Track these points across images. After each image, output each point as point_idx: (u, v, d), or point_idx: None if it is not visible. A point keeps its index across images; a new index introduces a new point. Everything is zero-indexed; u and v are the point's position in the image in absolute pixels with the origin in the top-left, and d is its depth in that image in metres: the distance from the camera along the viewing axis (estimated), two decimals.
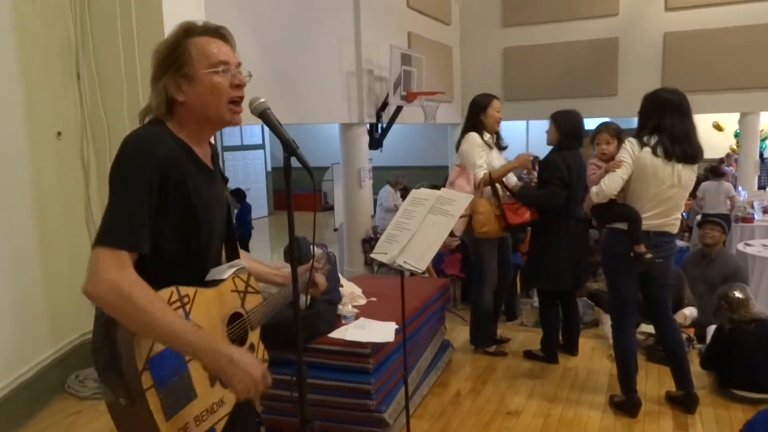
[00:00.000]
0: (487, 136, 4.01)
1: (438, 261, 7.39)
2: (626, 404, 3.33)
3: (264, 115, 1.58)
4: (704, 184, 8.39)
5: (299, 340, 1.68)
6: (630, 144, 3.12)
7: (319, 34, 6.49)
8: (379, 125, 8.06)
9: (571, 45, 9.70)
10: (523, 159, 4.02)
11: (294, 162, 1.61)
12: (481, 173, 3.90)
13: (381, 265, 7.75)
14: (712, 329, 4.03)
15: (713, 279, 4.59)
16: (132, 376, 1.35)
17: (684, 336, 3.95)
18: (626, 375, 3.33)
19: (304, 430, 1.71)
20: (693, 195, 9.68)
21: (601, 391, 3.62)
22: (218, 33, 1.57)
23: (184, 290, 1.48)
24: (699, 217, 8.22)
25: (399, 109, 7.90)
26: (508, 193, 4.07)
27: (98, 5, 3.59)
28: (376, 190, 9.44)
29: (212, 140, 1.76)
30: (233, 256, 1.78)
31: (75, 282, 3.83)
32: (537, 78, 9.73)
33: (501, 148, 4.18)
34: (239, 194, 9.52)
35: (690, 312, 4.38)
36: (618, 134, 3.44)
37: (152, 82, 1.54)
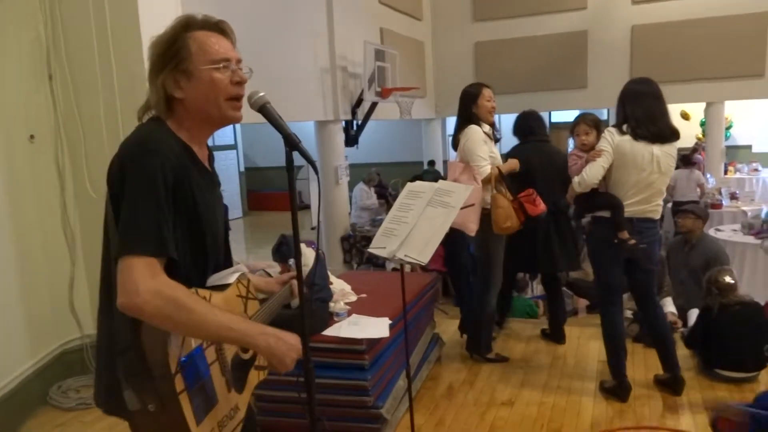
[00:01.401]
0: (486, 128, 3.76)
1: None
2: (617, 389, 3.38)
3: (264, 110, 1.54)
4: (675, 173, 8.58)
5: (306, 340, 1.64)
6: (609, 133, 3.18)
7: (291, 30, 6.42)
8: (355, 122, 8.03)
9: (541, 39, 9.82)
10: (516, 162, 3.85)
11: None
12: (487, 168, 3.64)
13: (361, 262, 7.76)
14: (694, 312, 4.11)
15: (695, 265, 4.69)
16: (165, 380, 1.30)
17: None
18: (616, 360, 3.37)
19: (315, 430, 1.67)
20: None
21: (591, 378, 3.67)
22: (218, 27, 1.52)
23: (201, 293, 1.44)
24: (669, 205, 8.43)
25: (374, 105, 7.88)
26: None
27: (70, 4, 3.48)
28: (352, 187, 9.41)
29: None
30: (227, 259, 1.74)
31: (52, 290, 3.72)
32: (509, 72, 9.81)
33: (496, 140, 3.95)
34: None
35: (671, 308, 4.43)
36: (596, 124, 3.48)
37: (150, 78, 1.47)
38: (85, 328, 3.80)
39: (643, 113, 3.12)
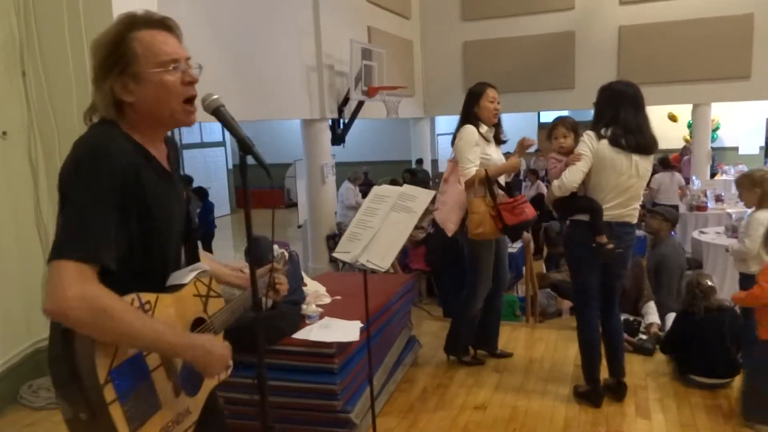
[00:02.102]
0: (484, 128, 3.63)
1: (403, 256, 7.39)
2: (590, 394, 3.38)
3: (217, 113, 1.51)
4: (657, 176, 8.60)
5: (261, 344, 1.62)
6: (588, 137, 3.17)
7: (278, 28, 6.38)
8: (341, 120, 8.00)
9: (529, 39, 9.83)
10: (514, 162, 3.68)
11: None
12: (472, 170, 3.51)
13: (346, 262, 7.74)
14: (671, 317, 4.12)
15: (649, 265, 4.73)
16: (93, 389, 1.27)
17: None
18: (590, 365, 3.37)
19: None
20: (646, 187, 9.91)
21: (566, 382, 3.67)
22: (163, 24, 1.45)
23: (145, 296, 1.42)
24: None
25: (361, 104, 7.85)
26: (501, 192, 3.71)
27: (43, 0, 3.43)
28: (339, 186, 9.38)
29: (173, 136, 1.67)
30: (193, 258, 1.72)
31: (25, 288, 3.68)
32: (496, 72, 9.78)
33: (500, 141, 3.81)
34: (201, 193, 9.32)
35: (654, 319, 4.39)
36: (574, 127, 3.46)
37: (95, 82, 1.42)
38: None
39: (635, 124, 3.10)
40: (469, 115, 3.65)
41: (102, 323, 1.27)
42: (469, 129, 3.60)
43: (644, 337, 4.14)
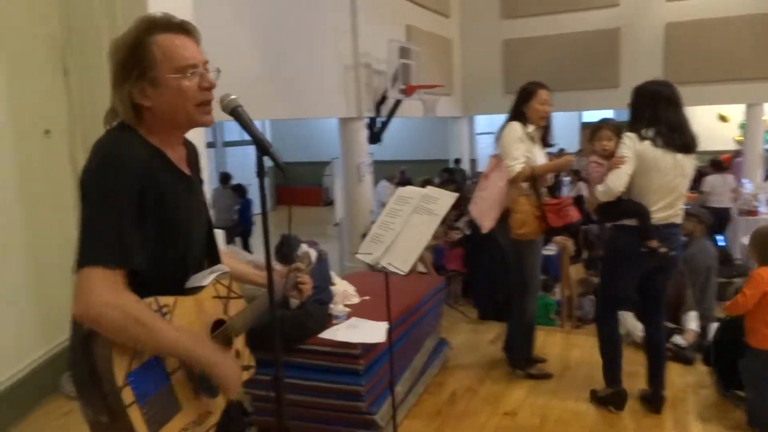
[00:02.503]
0: (531, 128, 3.53)
1: (438, 256, 7.33)
2: (613, 397, 3.31)
3: (235, 113, 1.51)
4: (709, 178, 8.30)
5: (278, 346, 1.61)
6: (629, 139, 3.06)
7: (315, 27, 6.41)
8: (378, 119, 8.00)
9: (571, 36, 9.61)
10: (567, 160, 3.67)
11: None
12: (517, 167, 3.42)
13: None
14: (713, 326, 3.96)
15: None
16: (112, 393, 1.29)
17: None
18: (613, 368, 3.31)
19: None
20: (697, 190, 9.59)
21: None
22: (182, 28, 1.45)
23: (164, 300, 1.43)
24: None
25: (398, 102, 7.83)
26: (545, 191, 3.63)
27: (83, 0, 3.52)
28: (377, 184, 9.39)
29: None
30: (214, 260, 1.72)
31: (65, 282, 3.77)
32: (537, 70, 9.56)
33: (547, 144, 3.70)
34: (240, 190, 9.47)
35: (695, 326, 4.23)
36: (618, 131, 3.36)
37: (114, 85, 1.43)
38: None
39: (677, 123, 3.04)
40: (518, 114, 3.57)
41: (130, 329, 1.30)
42: (515, 125, 3.53)
43: (682, 343, 3.97)
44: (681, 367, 3.84)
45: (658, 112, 3.01)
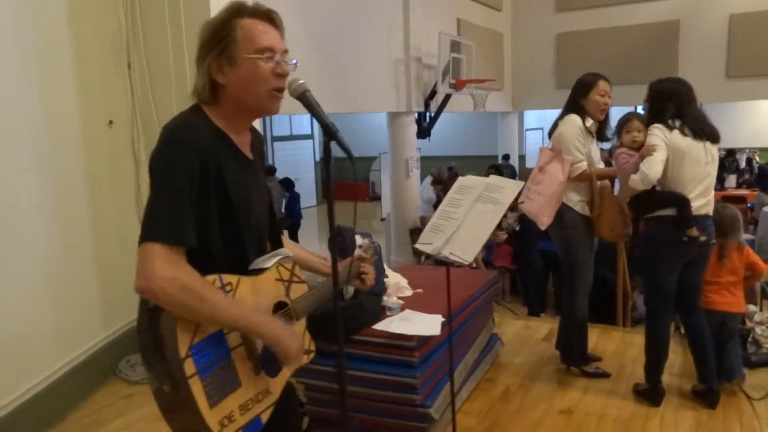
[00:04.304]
0: (590, 121, 3.43)
1: (487, 252, 7.25)
2: (649, 393, 3.28)
3: (303, 98, 1.52)
4: None
5: (340, 333, 1.61)
6: (658, 129, 3.05)
7: (367, 21, 6.42)
8: (428, 114, 7.95)
9: (628, 29, 9.32)
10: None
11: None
12: (584, 164, 3.37)
13: (428, 256, 7.70)
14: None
15: None
16: (175, 363, 1.33)
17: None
18: (657, 366, 3.25)
19: (344, 424, 1.64)
20: (762, 186, 9.16)
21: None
22: (268, 16, 1.51)
23: (227, 278, 1.47)
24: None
25: (447, 97, 7.77)
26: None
27: None
28: (425, 180, 9.34)
29: (259, 128, 1.71)
30: (276, 245, 1.74)
31: (125, 268, 3.90)
32: (592, 64, 9.25)
33: (605, 138, 3.59)
34: (288, 184, 9.59)
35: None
36: (645, 123, 3.28)
37: (197, 62, 1.50)
38: None
39: (700, 114, 3.13)
40: (575, 106, 3.47)
41: (190, 303, 1.34)
42: (573, 117, 3.44)
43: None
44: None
45: (683, 106, 3.06)
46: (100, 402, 3.49)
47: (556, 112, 3.74)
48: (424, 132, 8.04)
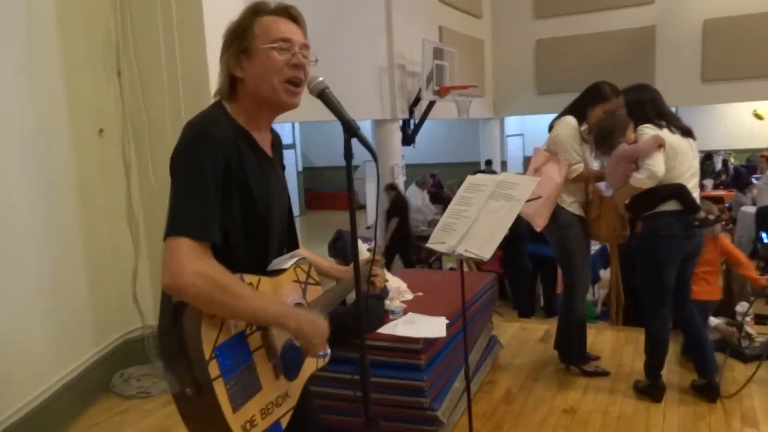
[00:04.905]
0: (585, 126, 3.45)
1: None
2: (650, 389, 3.31)
3: (323, 95, 1.51)
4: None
5: (362, 339, 1.60)
6: (649, 128, 3.12)
7: (350, 29, 6.43)
8: (412, 121, 7.98)
9: (606, 35, 9.50)
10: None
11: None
12: (580, 167, 3.40)
13: (418, 261, 7.68)
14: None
15: None
16: (199, 364, 1.30)
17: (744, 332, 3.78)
18: (657, 362, 3.29)
19: (369, 429, 1.61)
20: (738, 186, 9.38)
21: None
22: (287, 12, 1.52)
23: (248, 278, 1.45)
24: (749, 210, 7.98)
25: (431, 104, 7.81)
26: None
27: (138, 1, 3.57)
28: (409, 187, 9.34)
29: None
30: (293, 246, 1.72)
31: (117, 280, 3.83)
32: (571, 70, 9.52)
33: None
34: None
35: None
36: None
37: (220, 60, 1.51)
38: (146, 318, 3.90)
39: (675, 115, 3.27)
40: (579, 111, 3.47)
41: (219, 297, 1.31)
42: (572, 120, 3.45)
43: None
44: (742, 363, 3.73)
45: (661, 108, 3.18)
46: (94, 418, 3.40)
47: (536, 118, 3.75)
48: (408, 139, 8.07)
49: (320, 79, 1.51)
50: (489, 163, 11.54)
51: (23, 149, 3.11)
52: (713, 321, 3.87)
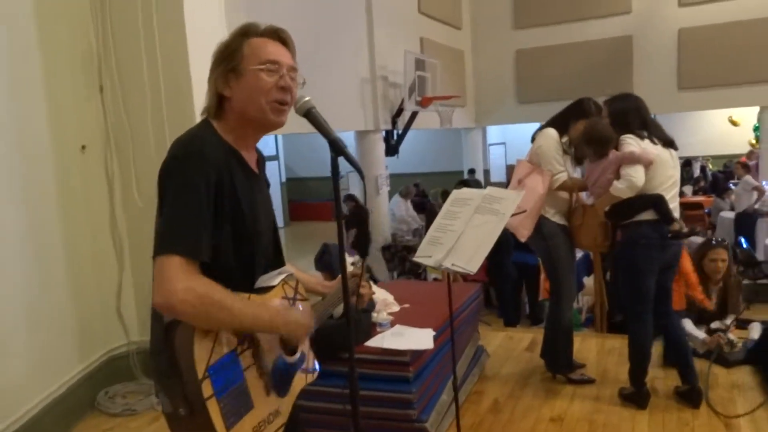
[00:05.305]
0: (566, 138, 3.50)
1: None
2: (635, 396, 3.34)
3: (309, 115, 1.53)
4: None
5: (351, 352, 1.61)
6: (631, 138, 3.18)
7: (332, 41, 6.46)
8: (395, 131, 8.03)
9: (584, 45, 9.65)
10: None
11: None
12: (564, 176, 3.43)
13: (403, 272, 7.70)
14: (755, 327, 3.92)
15: None
16: (193, 384, 1.30)
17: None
18: (641, 369, 3.32)
19: None
20: (717, 192, 9.56)
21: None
22: (277, 35, 1.54)
23: (240, 296, 1.45)
24: (728, 215, 8.12)
25: (414, 114, 7.87)
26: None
27: (120, 16, 3.56)
28: (393, 198, 9.38)
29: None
30: (278, 262, 1.73)
31: (101, 297, 3.79)
32: (550, 79, 9.66)
33: (579, 162, 3.60)
34: None
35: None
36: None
37: (208, 79, 1.52)
38: (131, 335, 3.86)
39: (658, 124, 3.34)
40: (562, 124, 3.53)
41: (211, 312, 1.33)
42: (551, 132, 3.51)
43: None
44: (724, 369, 3.79)
45: (645, 118, 3.24)
46: None
47: (518, 127, 3.82)
48: (392, 149, 8.12)
49: (307, 98, 1.53)
50: (472, 171, 11.63)
51: (5, 166, 3.07)
52: (700, 335, 3.89)
